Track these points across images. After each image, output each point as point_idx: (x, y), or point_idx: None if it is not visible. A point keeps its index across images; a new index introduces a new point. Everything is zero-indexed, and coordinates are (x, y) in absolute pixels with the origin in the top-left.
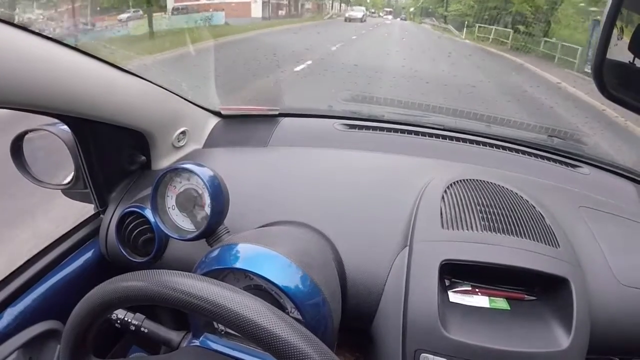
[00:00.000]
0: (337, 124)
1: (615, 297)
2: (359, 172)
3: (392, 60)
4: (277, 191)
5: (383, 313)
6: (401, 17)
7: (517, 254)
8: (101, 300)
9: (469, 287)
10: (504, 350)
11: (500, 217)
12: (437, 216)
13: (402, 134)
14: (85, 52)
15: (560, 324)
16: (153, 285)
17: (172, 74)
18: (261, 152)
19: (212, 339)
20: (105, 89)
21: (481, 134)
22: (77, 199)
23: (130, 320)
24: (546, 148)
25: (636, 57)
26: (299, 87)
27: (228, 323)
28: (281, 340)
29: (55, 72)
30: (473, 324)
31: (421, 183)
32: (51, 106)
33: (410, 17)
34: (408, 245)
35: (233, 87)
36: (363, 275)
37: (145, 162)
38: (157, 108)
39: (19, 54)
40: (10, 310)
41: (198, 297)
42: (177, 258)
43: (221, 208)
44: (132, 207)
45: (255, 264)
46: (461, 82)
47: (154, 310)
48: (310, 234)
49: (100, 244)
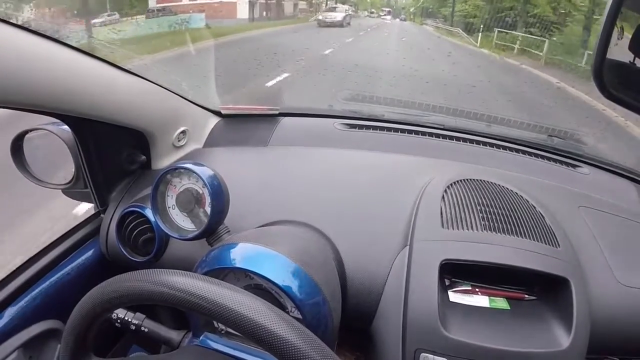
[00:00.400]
0: (338, 123)
1: (615, 297)
2: (359, 171)
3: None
4: (278, 191)
5: (383, 312)
6: (400, 17)
7: (517, 254)
8: (101, 299)
9: (469, 287)
10: (504, 350)
11: (501, 216)
12: (438, 216)
13: (403, 133)
14: (86, 51)
15: (560, 324)
16: (153, 284)
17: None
18: (261, 152)
19: (213, 339)
20: (106, 88)
21: (481, 134)
22: (77, 198)
23: (131, 319)
24: (546, 148)
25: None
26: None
27: (228, 322)
28: (281, 339)
29: (56, 71)
30: (473, 323)
31: (421, 182)
32: (51, 106)
33: (410, 18)
34: (408, 245)
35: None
36: (363, 275)
37: (146, 161)
38: (157, 107)
39: (19, 54)
40: (11, 310)
41: (198, 296)
42: (178, 257)
43: (221, 207)
44: (132, 206)
45: (256, 263)
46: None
47: (154, 310)
48: (311, 233)
49: (101, 243)
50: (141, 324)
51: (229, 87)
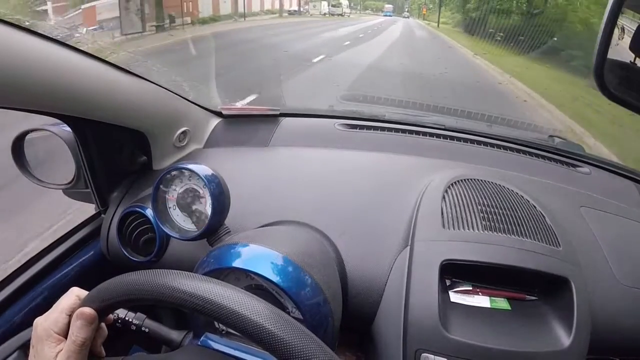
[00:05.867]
0: (338, 124)
1: (616, 297)
2: (359, 172)
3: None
4: (278, 191)
5: (384, 313)
6: (404, 14)
7: (518, 254)
8: (101, 299)
9: (470, 287)
10: (505, 350)
11: (501, 217)
12: (438, 216)
13: (403, 133)
14: (86, 52)
15: (561, 324)
16: (154, 285)
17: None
18: (262, 152)
19: (213, 339)
20: (106, 89)
21: (482, 134)
22: (78, 198)
23: (131, 319)
24: (547, 148)
25: (637, 57)
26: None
27: (229, 323)
28: (282, 340)
29: (57, 72)
30: (474, 324)
31: (422, 183)
32: (52, 107)
33: (417, 15)
34: (409, 245)
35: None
36: (364, 275)
37: (146, 162)
38: (158, 108)
39: (20, 55)
40: (11, 310)
41: (199, 296)
42: (178, 258)
43: (222, 208)
44: (133, 206)
45: (256, 263)
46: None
47: (155, 310)
48: (311, 233)
49: (102, 243)
50: (142, 324)
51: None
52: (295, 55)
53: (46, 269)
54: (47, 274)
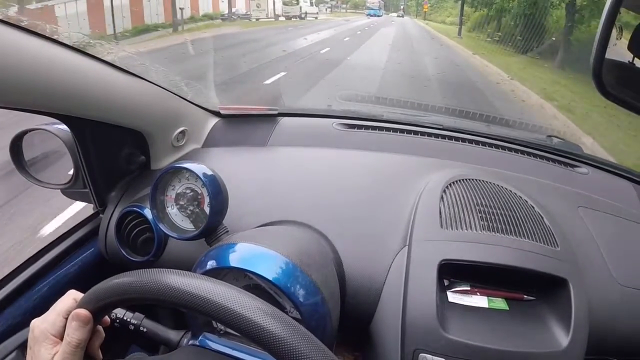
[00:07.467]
0: (336, 123)
1: (614, 297)
2: (358, 171)
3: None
4: (276, 191)
5: (382, 313)
6: (398, 13)
7: (516, 254)
8: (98, 299)
9: (468, 287)
10: (503, 350)
11: (499, 217)
12: (436, 216)
13: (402, 133)
14: (84, 51)
15: (559, 324)
16: (151, 284)
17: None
18: (260, 152)
19: (211, 339)
20: (104, 89)
21: (480, 134)
22: (76, 198)
23: (129, 319)
24: (545, 148)
25: (635, 57)
26: None
27: (227, 322)
28: (280, 339)
29: (54, 72)
30: (472, 324)
31: (420, 183)
32: (50, 106)
33: (416, 14)
34: (407, 245)
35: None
36: (362, 275)
37: (145, 161)
38: (156, 108)
39: (18, 54)
40: (10, 310)
41: (197, 296)
42: (177, 257)
43: (220, 207)
44: (131, 206)
45: (254, 263)
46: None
47: (153, 310)
48: (309, 233)
49: (100, 243)
50: (140, 324)
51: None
52: None
53: (44, 268)
54: (45, 273)
